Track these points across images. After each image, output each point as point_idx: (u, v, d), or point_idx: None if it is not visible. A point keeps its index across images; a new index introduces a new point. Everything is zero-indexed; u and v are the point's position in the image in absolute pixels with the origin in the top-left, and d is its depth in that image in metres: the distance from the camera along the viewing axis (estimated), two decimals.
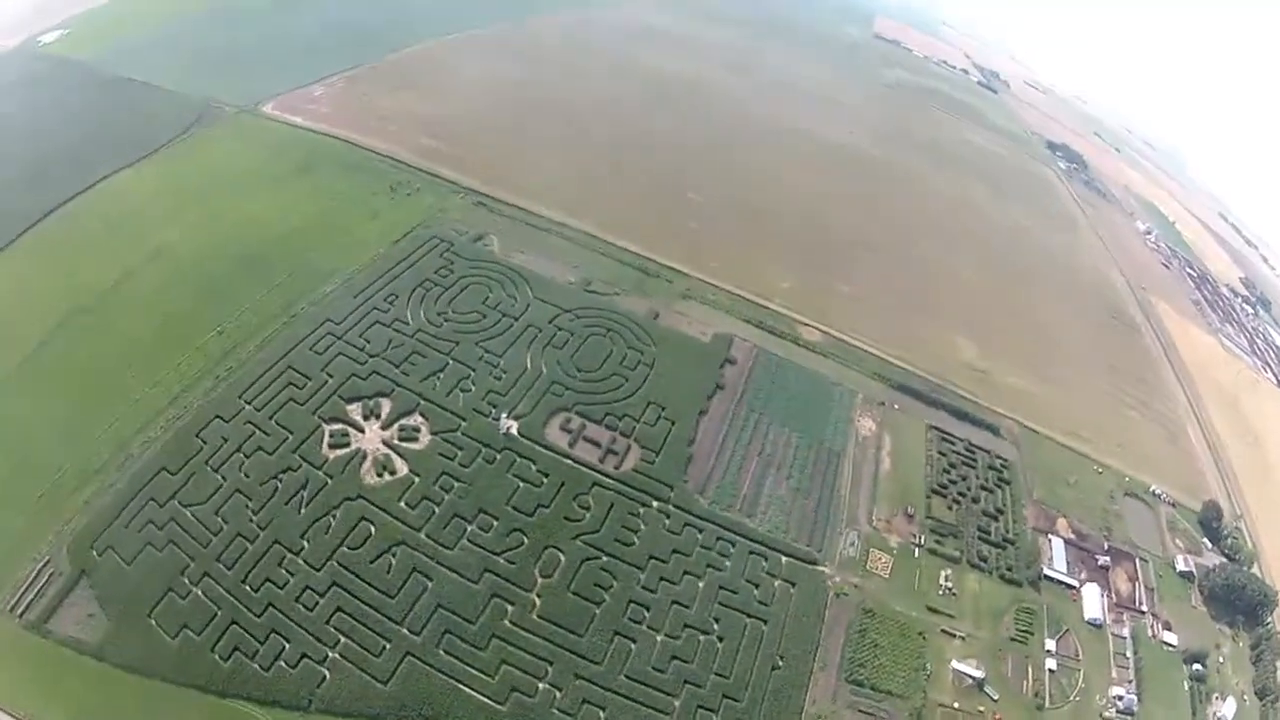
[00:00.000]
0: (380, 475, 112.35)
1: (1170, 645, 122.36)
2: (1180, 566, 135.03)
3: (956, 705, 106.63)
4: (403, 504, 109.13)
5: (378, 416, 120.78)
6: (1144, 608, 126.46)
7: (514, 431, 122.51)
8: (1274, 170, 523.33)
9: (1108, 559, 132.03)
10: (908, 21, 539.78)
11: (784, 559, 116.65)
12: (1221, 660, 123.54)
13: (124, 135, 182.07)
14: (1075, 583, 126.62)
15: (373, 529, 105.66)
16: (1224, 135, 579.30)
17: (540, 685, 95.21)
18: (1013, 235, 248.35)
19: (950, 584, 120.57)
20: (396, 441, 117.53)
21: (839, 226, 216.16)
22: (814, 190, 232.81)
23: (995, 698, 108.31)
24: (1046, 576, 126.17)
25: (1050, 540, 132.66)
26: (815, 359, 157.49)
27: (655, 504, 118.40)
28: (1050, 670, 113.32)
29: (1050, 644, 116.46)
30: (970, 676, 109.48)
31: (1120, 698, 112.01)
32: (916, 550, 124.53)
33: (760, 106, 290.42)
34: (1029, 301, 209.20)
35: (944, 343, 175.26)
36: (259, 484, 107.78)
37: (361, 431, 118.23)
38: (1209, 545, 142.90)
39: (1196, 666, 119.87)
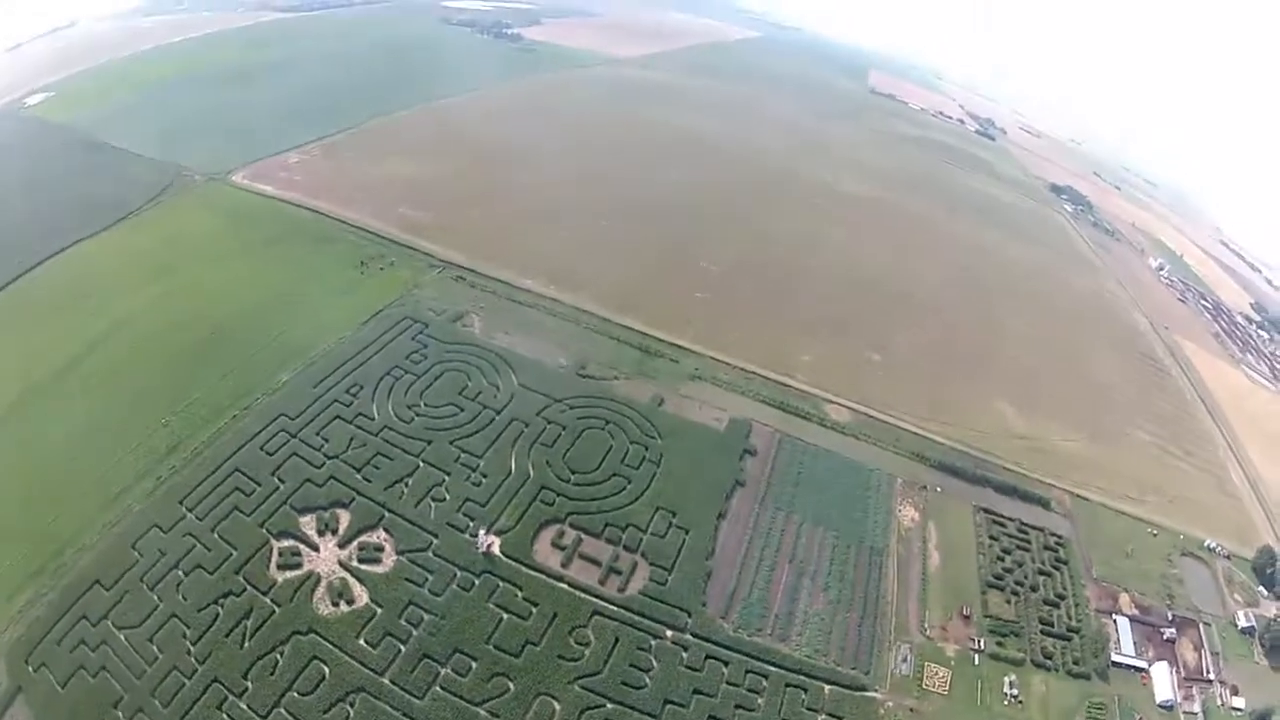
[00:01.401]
0: (336, 604, 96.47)
1: (1238, 710, 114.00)
2: (1241, 623, 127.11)
3: None
4: (362, 641, 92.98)
5: (334, 532, 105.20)
6: (1211, 675, 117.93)
7: (495, 550, 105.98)
8: (1267, 190, 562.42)
9: (1173, 630, 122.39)
10: (900, 75, 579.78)
11: (827, 688, 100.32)
12: None
13: (93, 201, 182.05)
14: (1144, 664, 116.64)
15: (327, 671, 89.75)
16: (1216, 162, 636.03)
17: None
18: (1034, 283, 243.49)
19: (1015, 691, 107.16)
20: (355, 563, 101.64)
21: (859, 286, 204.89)
22: (830, 248, 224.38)
23: None
24: (1114, 663, 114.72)
25: (1115, 621, 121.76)
26: (846, 441, 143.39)
27: (670, 634, 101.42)
28: None
29: None
30: None
31: None
32: (976, 657, 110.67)
33: (766, 162, 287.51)
34: (1059, 352, 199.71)
35: (981, 407, 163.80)
36: (197, 609, 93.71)
37: (315, 550, 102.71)
38: (1265, 593, 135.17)
39: None
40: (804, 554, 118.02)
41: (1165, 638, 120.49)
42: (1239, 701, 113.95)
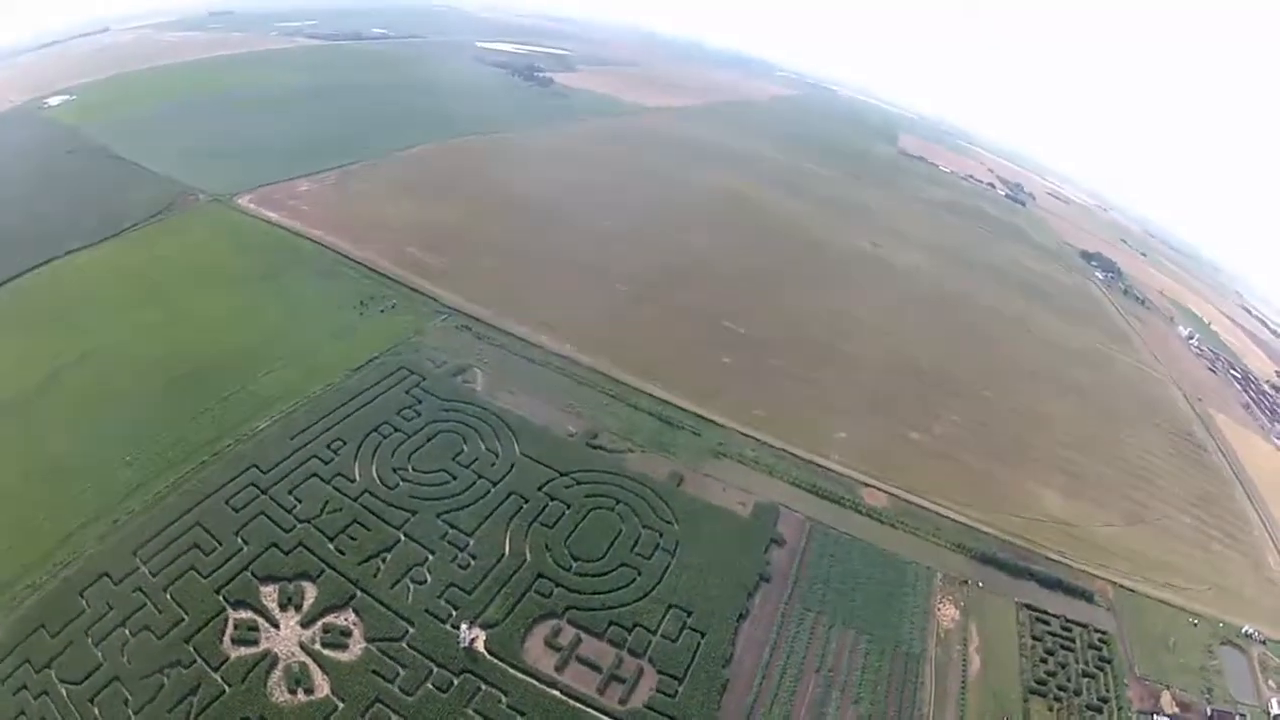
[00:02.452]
0: (293, 692, 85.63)
1: None
2: (1274, 710, 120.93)
3: None
4: None
5: (298, 607, 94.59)
6: None
7: (480, 646, 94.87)
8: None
9: None
10: (930, 138, 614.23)
11: None
12: None
13: (91, 212, 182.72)
14: None
15: None
16: (1235, 224, 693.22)
17: None
18: (1071, 356, 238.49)
19: None
20: (318, 647, 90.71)
21: (894, 357, 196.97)
22: (864, 317, 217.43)
23: None
24: None
25: None
26: (883, 531, 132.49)
27: None
28: None
29: None
30: None
31: None
32: None
33: (796, 224, 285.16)
34: (1098, 430, 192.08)
35: (1021, 489, 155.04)
36: (140, 676, 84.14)
37: (275, 626, 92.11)
38: None
39: None
40: (833, 661, 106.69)
41: None
42: None
